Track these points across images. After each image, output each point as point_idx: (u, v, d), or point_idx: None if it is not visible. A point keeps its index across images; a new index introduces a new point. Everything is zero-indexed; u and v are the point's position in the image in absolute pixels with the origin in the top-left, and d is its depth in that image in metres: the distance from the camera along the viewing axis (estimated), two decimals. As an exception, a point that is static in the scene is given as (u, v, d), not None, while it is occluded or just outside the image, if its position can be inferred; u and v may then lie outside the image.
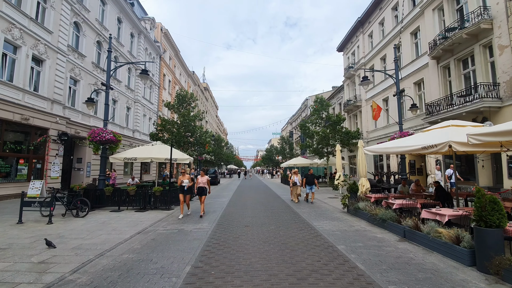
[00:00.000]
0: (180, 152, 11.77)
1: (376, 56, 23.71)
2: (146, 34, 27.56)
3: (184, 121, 20.01)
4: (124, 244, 5.56)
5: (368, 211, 7.62)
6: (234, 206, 10.81)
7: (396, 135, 11.28)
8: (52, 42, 15.28)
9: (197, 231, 6.53)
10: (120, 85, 22.90)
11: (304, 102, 52.41)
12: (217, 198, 13.76)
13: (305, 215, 8.73)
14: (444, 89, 16.05)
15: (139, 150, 11.68)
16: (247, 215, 8.63)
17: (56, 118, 15.13)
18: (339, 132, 20.91)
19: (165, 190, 9.81)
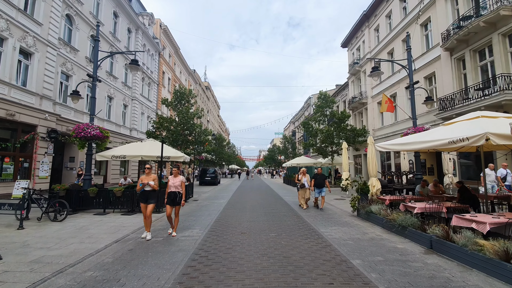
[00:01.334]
0: (173, 150, 10.85)
1: (383, 50, 22.65)
2: (144, 29, 26.73)
3: (182, 119, 19.11)
4: (95, 256, 4.63)
5: (383, 215, 6.63)
6: (232, 208, 9.87)
7: (410, 130, 10.30)
8: (42, 34, 14.45)
9: (185, 239, 5.59)
10: (117, 82, 22.05)
11: (307, 101, 51.36)
12: (215, 199, 12.82)
13: (310, 219, 7.76)
14: (458, 83, 14.99)
15: (128, 147, 10.79)
16: (245, 219, 7.68)
17: (45, 114, 14.28)
18: (344, 129, 19.88)
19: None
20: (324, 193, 9.95)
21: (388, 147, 7.60)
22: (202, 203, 11.28)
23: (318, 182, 10.02)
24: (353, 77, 28.84)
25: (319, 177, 10.11)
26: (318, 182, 10.01)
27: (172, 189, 6.16)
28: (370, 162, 10.23)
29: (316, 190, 9.99)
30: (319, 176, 10.15)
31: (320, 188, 9.94)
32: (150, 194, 6.05)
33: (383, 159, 22.68)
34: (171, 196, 6.14)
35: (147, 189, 6.05)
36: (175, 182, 6.18)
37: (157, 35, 31.15)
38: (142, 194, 6.03)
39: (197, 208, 9.82)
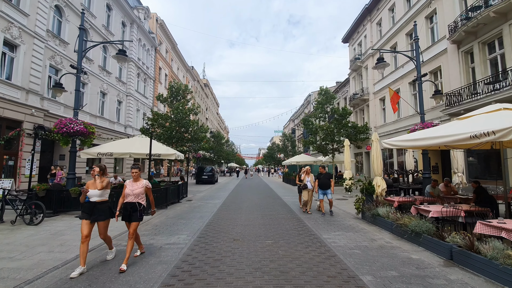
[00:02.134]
0: (164, 147, 10.16)
1: (386, 45, 21.91)
2: (139, 24, 25.94)
3: (178, 115, 18.40)
4: (60, 269, 3.97)
5: (392, 219, 5.96)
6: (226, 209, 9.19)
7: (418, 126, 9.62)
8: (28, 25, 13.70)
9: (169, 248, 4.91)
10: (110, 77, 21.31)
11: (307, 98, 50.64)
12: (210, 199, 12.15)
13: (310, 222, 7.09)
14: (466, 77, 14.30)
15: (116, 144, 10.10)
16: (240, 222, 7.01)
17: (31, 110, 13.56)
18: (345, 126, 19.20)
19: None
20: (330, 195, 8.57)
21: (396, 143, 6.92)
22: (195, 204, 10.61)
23: (322, 182, 8.66)
24: (354, 73, 28.12)
25: (324, 177, 8.78)
26: (323, 182, 8.65)
27: (130, 198, 4.51)
28: (374, 160, 9.56)
29: (320, 191, 8.67)
30: (324, 175, 8.82)
31: (324, 190, 8.61)
32: (98, 207, 4.36)
33: (385, 157, 22.01)
34: (127, 208, 4.46)
35: (95, 199, 4.36)
36: (135, 189, 4.53)
37: (153, 30, 30.34)
38: (86, 207, 4.32)
39: (189, 210, 9.15)
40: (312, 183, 8.87)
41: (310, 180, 8.90)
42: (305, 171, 9.04)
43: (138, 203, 4.52)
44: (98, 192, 4.38)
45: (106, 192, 4.55)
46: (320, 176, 8.86)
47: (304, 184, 8.85)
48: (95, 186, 4.42)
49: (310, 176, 9.00)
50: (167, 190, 9.47)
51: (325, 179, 8.72)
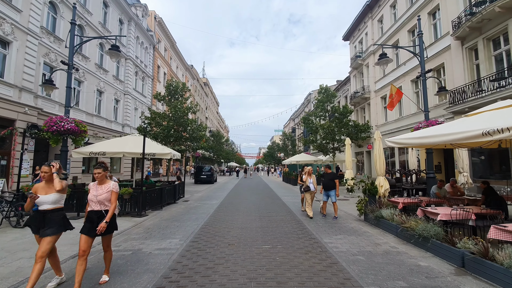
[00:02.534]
0: (160, 146, 9.83)
1: (387, 42, 21.52)
2: (137, 21, 25.58)
3: (175, 114, 18.07)
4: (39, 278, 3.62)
5: (397, 222, 5.64)
6: (223, 211, 8.86)
7: (422, 124, 9.29)
8: (22, 22, 13.37)
9: (159, 254, 4.58)
10: (107, 75, 20.97)
11: (307, 97, 50.28)
12: (207, 200, 11.82)
13: (311, 225, 6.75)
14: (470, 74, 13.96)
15: (109, 143, 9.77)
16: (237, 224, 6.68)
17: (24, 108, 13.24)
18: (346, 125, 18.85)
19: (136, 193, 7.88)
20: (335, 197, 7.84)
21: (401, 141, 6.58)
22: (192, 205, 10.28)
23: (326, 183, 7.98)
24: (355, 71, 27.75)
25: (328, 177, 8.06)
26: (327, 183, 7.96)
27: (95, 206, 3.57)
28: (377, 159, 9.23)
29: (323, 193, 8.09)
30: (328, 175, 8.12)
31: (328, 191, 7.93)
32: (48, 216, 3.35)
33: (387, 156, 21.66)
34: (93, 218, 3.51)
35: (45, 207, 3.36)
36: (99, 194, 3.59)
37: (152, 27, 29.98)
38: (33, 217, 3.45)
39: (185, 211, 8.82)
40: (315, 184, 8.14)
41: (313, 181, 8.13)
42: (306, 171, 8.21)
43: (105, 211, 3.56)
44: (51, 197, 3.40)
45: (62, 197, 3.60)
46: (324, 176, 8.23)
47: (307, 186, 8.01)
48: (46, 190, 3.43)
49: (312, 177, 8.23)
50: (162, 191, 9.14)
51: (329, 180, 7.99)
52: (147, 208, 8.40)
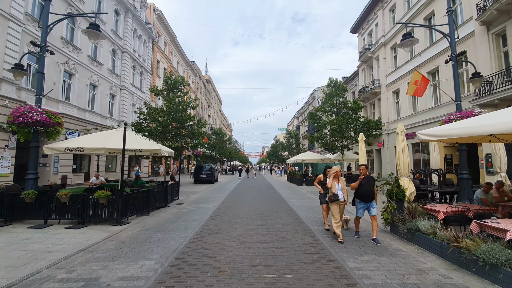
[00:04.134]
0: (148, 141, 8.56)
1: (400, 32, 20.02)
2: (135, 13, 24.38)
3: (171, 108, 16.80)
4: None
5: (441, 238, 4.28)
6: (220, 217, 7.55)
7: (454, 116, 7.88)
8: (3, 7, 12.23)
9: (123, 286, 3.28)
10: (102, 68, 19.79)
11: (312, 94, 48.80)
12: (204, 202, 10.53)
13: (326, 239, 5.41)
14: (498, 62, 12.50)
15: (89, 137, 8.52)
16: (233, 238, 5.36)
17: (5, 100, 12.10)
18: (356, 121, 17.41)
19: (114, 196, 6.61)
20: (375, 210, 5.46)
21: (439, 133, 5.26)
22: (185, 209, 9.00)
23: (364, 190, 5.53)
24: (364, 65, 26.26)
25: (367, 182, 5.60)
26: (365, 190, 5.52)
27: None
28: (400, 157, 7.84)
29: (359, 205, 5.61)
30: (366, 179, 5.64)
31: (367, 202, 5.51)
32: None
33: (399, 155, 20.19)
34: None
35: None
36: None
37: (151, 20, 28.77)
38: None
39: (175, 217, 7.54)
40: (345, 192, 5.64)
41: (342, 187, 5.60)
42: (333, 173, 5.62)
43: None
44: None
45: None
46: (362, 181, 5.64)
47: (333, 194, 5.48)
48: None
49: (341, 180, 5.70)
50: (149, 193, 7.87)
51: (368, 185, 5.53)
52: (130, 214, 7.13)
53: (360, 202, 5.61)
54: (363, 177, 5.70)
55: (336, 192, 5.50)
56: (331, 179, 5.58)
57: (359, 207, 5.66)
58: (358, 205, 5.68)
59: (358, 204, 5.67)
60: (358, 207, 5.68)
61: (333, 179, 5.60)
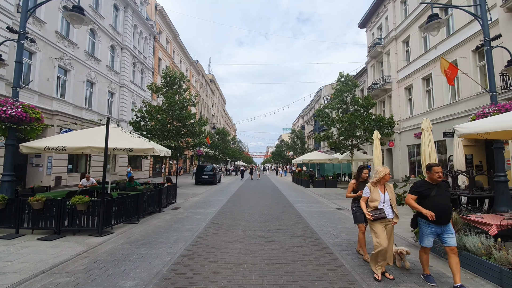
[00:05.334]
0: (139, 140, 7.66)
1: (413, 25, 18.93)
2: (135, 8, 23.61)
3: (169, 106, 15.92)
4: None
5: (501, 262, 3.26)
6: (218, 226, 6.58)
7: (490, 109, 6.78)
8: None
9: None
10: (100, 65, 19.03)
11: (317, 93, 47.63)
12: (202, 207, 9.59)
13: (346, 257, 4.38)
14: (527, 53, 11.30)
15: (73, 135, 7.64)
16: (231, 256, 4.28)
17: (-9, 96, 11.32)
18: (367, 119, 16.34)
19: (94, 202, 5.70)
20: (454, 238, 3.50)
21: (490, 126, 4.21)
22: (181, 215, 8.06)
23: (436, 205, 3.47)
24: (373, 60, 25.11)
25: (439, 191, 3.54)
26: (438, 205, 3.46)
27: None
28: (426, 156, 6.83)
29: (427, 228, 3.57)
30: (440, 187, 3.57)
31: (442, 225, 3.50)
32: None
33: (412, 153, 19.06)
34: None
35: None
36: None
37: (152, 17, 28.01)
38: None
39: (167, 226, 6.59)
40: (394, 205, 3.82)
41: (391, 198, 3.83)
42: (379, 178, 3.83)
43: None
44: None
45: None
46: (429, 191, 3.55)
47: (377, 208, 3.73)
48: None
49: (389, 189, 3.91)
50: (138, 198, 6.94)
51: (443, 196, 3.54)
52: (116, 222, 6.21)
53: (429, 224, 3.50)
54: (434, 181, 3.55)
55: (381, 206, 3.72)
56: (372, 185, 3.86)
57: (427, 232, 3.56)
58: (425, 228, 3.58)
59: (426, 227, 3.57)
60: (425, 232, 3.58)
61: (376, 185, 3.84)
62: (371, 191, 3.86)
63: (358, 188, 4.47)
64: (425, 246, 3.63)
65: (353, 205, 4.61)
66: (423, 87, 17.99)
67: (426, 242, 3.61)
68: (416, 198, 3.63)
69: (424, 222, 3.59)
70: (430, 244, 3.60)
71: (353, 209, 4.63)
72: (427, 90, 17.75)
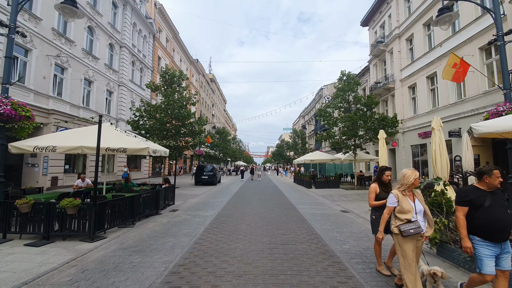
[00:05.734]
0: (134, 139, 7.31)
1: (417, 22, 18.54)
2: (134, 6, 23.27)
3: (168, 104, 15.58)
4: None
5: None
6: (217, 231, 6.21)
7: (504, 106, 6.42)
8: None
9: None
10: (98, 63, 18.71)
11: (318, 92, 47.25)
12: (201, 209, 9.24)
13: (357, 269, 4.00)
14: (538, 50, 10.95)
15: (64, 135, 7.30)
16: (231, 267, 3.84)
17: (-15, 94, 10.96)
18: (370, 118, 15.98)
19: (86, 205, 5.36)
20: (510, 258, 2.84)
21: None
22: (179, 217, 7.72)
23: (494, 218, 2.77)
24: (375, 59, 24.72)
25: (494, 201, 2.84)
26: (497, 220, 2.76)
27: None
28: (436, 156, 6.48)
29: (485, 248, 2.80)
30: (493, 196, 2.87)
31: (500, 242, 2.79)
32: None
33: (415, 153, 18.69)
34: None
35: None
36: None
37: (151, 15, 27.67)
38: None
39: (164, 230, 6.25)
40: (430, 220, 3.13)
41: (425, 210, 3.13)
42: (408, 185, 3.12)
43: None
44: None
45: None
46: (481, 199, 2.86)
47: (410, 223, 3.00)
48: None
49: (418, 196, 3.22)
50: (134, 200, 6.60)
51: (501, 207, 2.85)
52: (110, 226, 5.87)
53: (485, 241, 2.80)
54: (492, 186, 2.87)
55: (414, 218, 2.98)
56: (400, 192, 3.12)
57: (485, 254, 2.78)
58: (481, 248, 2.81)
59: (482, 247, 2.81)
60: (482, 254, 2.79)
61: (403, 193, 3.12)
62: (399, 200, 3.09)
63: (381, 195, 3.84)
64: (486, 273, 2.70)
65: (373, 214, 3.95)
66: (428, 85, 17.62)
67: (487, 268, 2.70)
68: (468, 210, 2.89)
69: (479, 240, 2.78)
70: (493, 270, 2.73)
71: (372, 217, 3.95)
72: (432, 89, 17.37)
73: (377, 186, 3.91)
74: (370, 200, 3.90)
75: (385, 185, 3.91)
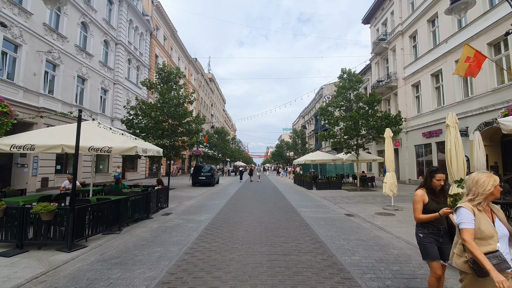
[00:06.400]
0: (121, 138, 6.74)
1: (421, 18, 18.04)
2: (130, 2, 22.70)
3: (164, 103, 15.01)
4: None
5: None
6: (212, 238, 5.64)
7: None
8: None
9: None
10: (92, 60, 18.13)
11: (318, 92, 46.71)
12: (196, 212, 8.66)
13: (374, 286, 3.42)
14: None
15: (44, 133, 6.72)
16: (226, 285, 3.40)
17: (-32, 91, 10.40)
18: (373, 117, 15.43)
19: (63, 210, 4.79)
20: None
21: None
22: (171, 222, 7.15)
23: None
24: (377, 57, 24.20)
25: None
26: None
27: None
28: (451, 156, 5.91)
29: None
30: None
31: None
32: None
33: (421, 153, 18.14)
34: None
35: None
36: None
37: (148, 12, 27.09)
38: None
39: (153, 237, 5.67)
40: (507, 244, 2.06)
41: (510, 230, 2.07)
42: (486, 195, 2.04)
43: None
44: None
45: None
46: None
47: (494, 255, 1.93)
48: None
49: (498, 212, 2.14)
50: (120, 204, 6.02)
51: None
52: (92, 233, 5.30)
53: None
54: None
55: (497, 248, 1.98)
56: (476, 209, 2.05)
57: None
58: None
59: None
60: None
61: (479, 207, 2.06)
62: (476, 218, 2.03)
63: (431, 205, 2.83)
64: None
65: (420, 231, 2.90)
66: (432, 83, 17.09)
67: None
68: None
69: None
70: None
71: (419, 236, 2.90)
72: (437, 87, 16.84)
73: (424, 194, 2.89)
74: (415, 212, 2.86)
75: (436, 193, 2.90)
